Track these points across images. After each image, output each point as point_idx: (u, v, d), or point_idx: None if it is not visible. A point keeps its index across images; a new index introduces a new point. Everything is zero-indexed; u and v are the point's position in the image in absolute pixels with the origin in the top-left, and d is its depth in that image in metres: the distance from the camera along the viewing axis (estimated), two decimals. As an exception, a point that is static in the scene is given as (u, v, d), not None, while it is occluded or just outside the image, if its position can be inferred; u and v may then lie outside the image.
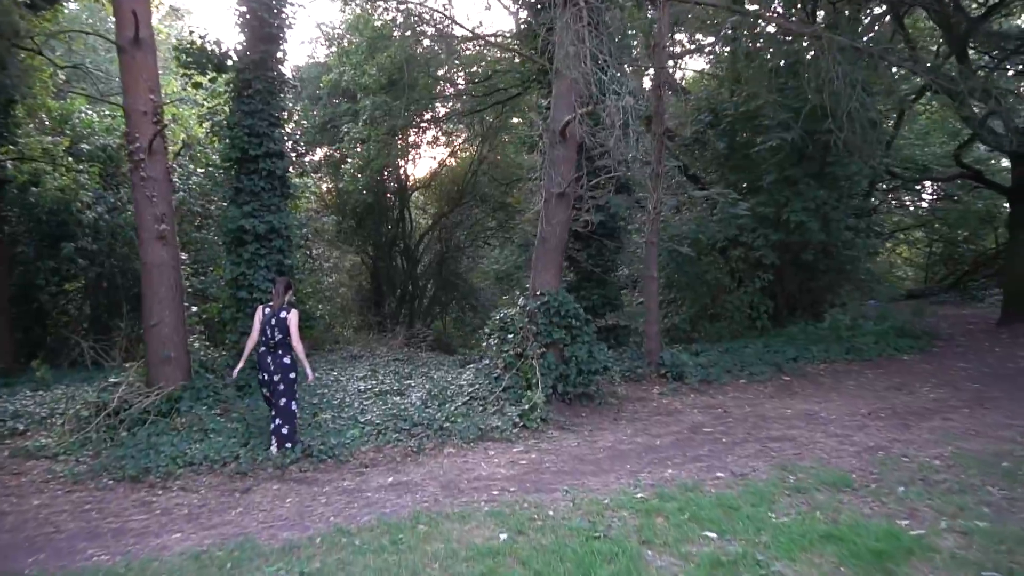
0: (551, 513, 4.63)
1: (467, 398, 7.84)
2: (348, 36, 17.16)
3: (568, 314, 8.21)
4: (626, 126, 6.20)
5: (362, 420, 7.24)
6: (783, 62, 12.62)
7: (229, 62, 9.05)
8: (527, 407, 7.31)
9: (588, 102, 6.90)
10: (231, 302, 8.97)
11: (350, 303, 20.53)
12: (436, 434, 6.86)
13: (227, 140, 8.80)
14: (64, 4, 13.00)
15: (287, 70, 9.25)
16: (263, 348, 6.36)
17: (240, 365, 6.55)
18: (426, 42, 16.56)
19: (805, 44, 11.79)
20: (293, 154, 9.51)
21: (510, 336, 8.28)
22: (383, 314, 19.87)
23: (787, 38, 11.97)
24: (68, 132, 13.22)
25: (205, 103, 10.05)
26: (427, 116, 19.04)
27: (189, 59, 8.97)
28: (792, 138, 11.98)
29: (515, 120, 19.67)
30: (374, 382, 10.06)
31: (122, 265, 13.14)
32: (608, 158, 8.52)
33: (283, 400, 6.36)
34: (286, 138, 9.13)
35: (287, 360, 6.36)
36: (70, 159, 12.73)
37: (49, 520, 5.07)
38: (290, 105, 9.73)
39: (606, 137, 6.47)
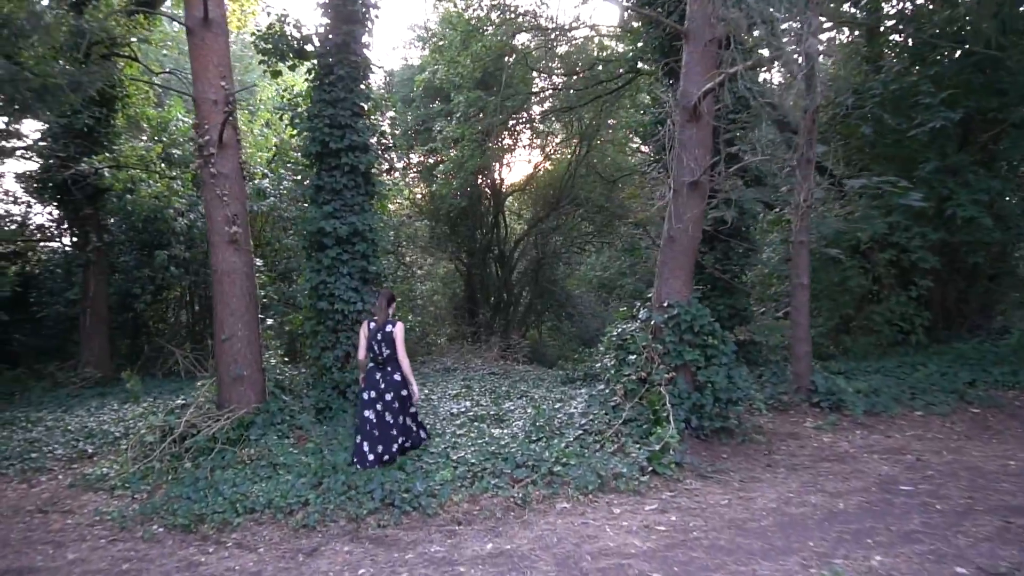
0: (722, 630, 3.19)
1: (580, 432, 6.44)
2: (442, 30, 16.37)
3: (703, 330, 6.63)
4: (809, 78, 4.62)
5: (454, 458, 6.00)
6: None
7: (310, 47, 8.17)
8: (657, 447, 5.80)
9: (742, 58, 5.30)
10: (312, 313, 8.06)
11: (444, 311, 19.79)
12: (544, 480, 5.50)
13: (307, 134, 7.90)
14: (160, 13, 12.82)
15: (372, 56, 8.28)
16: (371, 364, 6.00)
17: (362, 377, 6.11)
18: (521, 36, 15.49)
19: None
20: (380, 148, 8.46)
21: (631, 357, 6.80)
22: (477, 323, 18.94)
23: None
24: (164, 139, 13.08)
25: (285, 96, 9.28)
26: (522, 116, 17.97)
27: (268, 45, 8.15)
28: (959, 118, 9.93)
29: (611, 121, 18.30)
30: (468, 403, 8.92)
31: (214, 273, 12.83)
32: (744, 141, 6.92)
33: (401, 417, 5.96)
34: (371, 131, 8.11)
35: (397, 377, 5.93)
36: (163, 165, 12.53)
37: (79, 584, 4.16)
38: (376, 93, 8.72)
39: (782, 96, 4.90)
